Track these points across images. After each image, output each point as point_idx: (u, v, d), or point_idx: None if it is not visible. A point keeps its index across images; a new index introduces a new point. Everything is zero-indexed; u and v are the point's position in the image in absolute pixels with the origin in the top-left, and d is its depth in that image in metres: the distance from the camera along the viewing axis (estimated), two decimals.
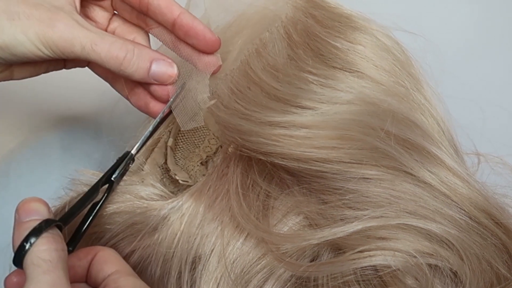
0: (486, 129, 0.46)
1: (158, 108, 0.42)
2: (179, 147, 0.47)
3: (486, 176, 0.45)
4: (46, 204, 0.33)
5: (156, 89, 0.41)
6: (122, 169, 0.39)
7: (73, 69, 0.44)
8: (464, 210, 0.39)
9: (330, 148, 0.38)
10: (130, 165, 0.40)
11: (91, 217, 0.37)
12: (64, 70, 0.43)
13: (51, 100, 0.53)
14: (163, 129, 0.47)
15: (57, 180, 0.45)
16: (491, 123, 0.48)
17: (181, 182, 0.44)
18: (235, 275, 0.38)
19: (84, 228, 0.37)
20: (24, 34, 0.36)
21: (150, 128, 0.41)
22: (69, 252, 0.36)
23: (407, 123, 0.41)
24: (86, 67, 0.44)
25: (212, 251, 0.39)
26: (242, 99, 0.41)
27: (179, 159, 0.47)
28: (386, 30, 0.46)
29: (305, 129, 0.39)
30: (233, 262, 0.39)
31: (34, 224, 0.31)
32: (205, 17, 0.44)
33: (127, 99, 0.44)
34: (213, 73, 0.43)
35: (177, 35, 0.41)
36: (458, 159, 0.43)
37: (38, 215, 0.32)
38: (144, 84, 0.42)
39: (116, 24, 0.44)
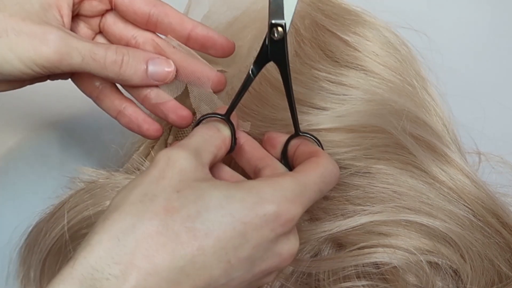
0: (487, 127, 0.46)
1: (153, 129, 0.40)
2: None
3: (487, 175, 0.45)
4: None
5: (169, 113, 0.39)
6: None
7: None
8: (470, 209, 0.39)
9: (343, 145, 0.39)
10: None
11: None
12: None
13: (51, 98, 0.52)
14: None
15: (56, 179, 0.45)
16: (492, 121, 0.48)
17: None
18: None
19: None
20: (13, 52, 0.34)
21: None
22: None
23: (418, 122, 0.41)
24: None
25: None
26: (255, 96, 0.41)
27: None
28: (391, 27, 0.46)
29: (317, 127, 0.39)
30: None
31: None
32: (209, 15, 0.44)
33: (116, 119, 0.41)
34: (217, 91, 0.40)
35: (192, 47, 0.40)
36: (463, 158, 0.43)
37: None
38: (138, 98, 0.40)
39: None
